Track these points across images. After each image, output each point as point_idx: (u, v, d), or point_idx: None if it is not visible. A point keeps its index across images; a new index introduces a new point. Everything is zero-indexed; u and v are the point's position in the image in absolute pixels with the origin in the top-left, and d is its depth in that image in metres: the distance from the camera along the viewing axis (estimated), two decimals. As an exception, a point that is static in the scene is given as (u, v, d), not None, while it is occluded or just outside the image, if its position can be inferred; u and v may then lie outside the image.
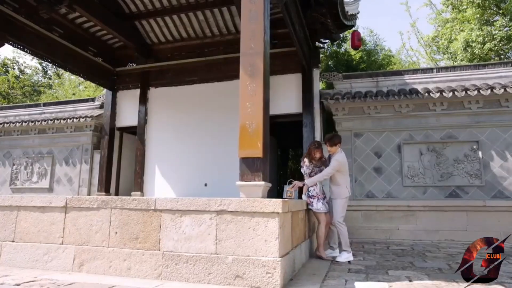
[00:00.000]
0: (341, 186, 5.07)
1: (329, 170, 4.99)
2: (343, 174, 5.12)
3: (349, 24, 8.36)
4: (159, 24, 8.88)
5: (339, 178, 5.08)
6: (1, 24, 6.73)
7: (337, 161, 4.99)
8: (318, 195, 4.98)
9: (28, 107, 11.08)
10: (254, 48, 3.89)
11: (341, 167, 5.04)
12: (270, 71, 8.22)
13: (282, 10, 5.96)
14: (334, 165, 4.98)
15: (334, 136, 5.27)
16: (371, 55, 10.56)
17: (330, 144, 5.13)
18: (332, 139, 5.15)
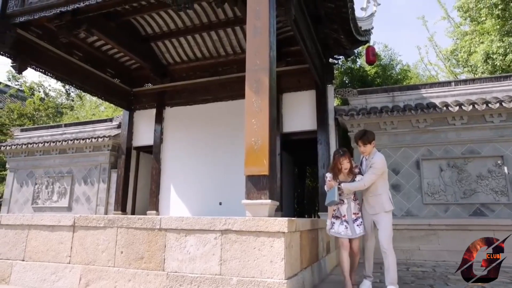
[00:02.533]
0: (382, 196, 4.00)
1: (371, 175, 3.92)
2: (384, 181, 4.09)
3: (363, 39, 8.28)
4: (174, 45, 9.07)
5: (380, 185, 4.01)
6: (25, 49, 7.03)
7: (379, 161, 3.97)
8: (344, 216, 4.05)
9: (51, 128, 11.43)
10: (259, 64, 3.87)
11: (383, 168, 4.03)
12: (284, 89, 8.45)
13: (292, 27, 5.97)
14: (378, 166, 3.93)
15: (367, 132, 4.14)
16: (386, 70, 10.39)
17: (363, 143, 4.07)
18: (364, 136, 4.06)
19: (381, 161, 4.01)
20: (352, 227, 4.03)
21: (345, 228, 4.04)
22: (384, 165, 4.05)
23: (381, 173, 3.99)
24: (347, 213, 4.08)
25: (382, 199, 4.01)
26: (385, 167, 4.09)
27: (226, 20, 8.11)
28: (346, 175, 4.09)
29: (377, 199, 4.02)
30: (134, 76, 9.94)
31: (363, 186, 3.98)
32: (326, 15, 7.08)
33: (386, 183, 4.13)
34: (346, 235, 4.03)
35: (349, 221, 4.05)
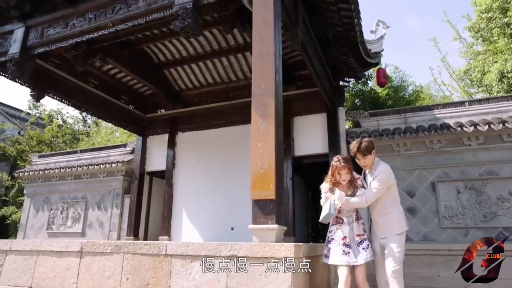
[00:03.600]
0: (391, 214, 3.42)
1: (374, 190, 3.36)
2: (392, 196, 3.50)
3: (373, 61, 8.31)
4: (186, 71, 9.27)
5: (388, 202, 3.45)
6: (43, 78, 7.30)
7: (383, 172, 3.39)
8: (345, 238, 3.38)
9: (67, 154, 11.67)
10: (265, 88, 3.88)
11: (390, 182, 3.43)
12: (295, 112, 8.46)
13: (300, 51, 6.03)
14: (382, 179, 3.37)
15: (363, 141, 3.62)
16: (398, 91, 10.33)
17: (362, 154, 3.53)
18: (362, 147, 3.52)
19: (386, 172, 3.41)
20: (356, 251, 3.32)
21: (343, 254, 3.32)
22: (390, 177, 3.43)
23: (386, 186, 3.38)
24: (348, 235, 3.39)
25: (391, 218, 3.42)
26: (392, 179, 3.46)
27: (236, 46, 8.27)
28: (346, 188, 3.48)
29: (386, 219, 3.44)
30: (148, 102, 10.14)
31: (364, 203, 3.40)
32: (334, 38, 7.14)
33: (395, 199, 3.52)
34: (345, 262, 3.28)
35: (352, 244, 3.35)
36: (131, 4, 5.18)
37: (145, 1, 5.08)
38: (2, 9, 6.39)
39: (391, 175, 3.48)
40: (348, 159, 3.55)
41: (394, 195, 3.54)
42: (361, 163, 3.66)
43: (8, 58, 6.12)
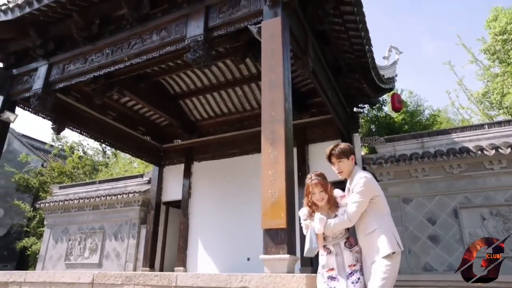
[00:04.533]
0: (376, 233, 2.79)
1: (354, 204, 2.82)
2: (377, 211, 2.87)
3: (387, 87, 8.29)
4: (201, 101, 9.44)
5: (371, 218, 2.85)
6: (63, 111, 7.57)
7: (361, 181, 2.84)
8: (332, 270, 2.85)
9: (86, 185, 11.88)
10: (275, 116, 3.90)
11: (372, 192, 2.86)
12: (309, 140, 8.43)
13: (311, 78, 6.08)
14: (360, 189, 2.82)
15: (341, 144, 3.19)
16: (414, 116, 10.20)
17: (336, 157, 3.07)
18: (337, 149, 3.09)
19: (365, 181, 2.84)
20: (343, 285, 2.73)
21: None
22: (372, 187, 2.87)
23: (368, 198, 2.83)
24: (336, 265, 2.84)
25: (377, 237, 2.77)
26: (374, 189, 2.89)
27: (249, 76, 8.42)
28: (327, 209, 2.95)
29: (371, 238, 2.81)
30: (164, 132, 10.33)
31: (348, 222, 2.84)
32: (346, 65, 7.19)
33: (382, 214, 2.89)
34: None
35: (339, 278, 2.78)
36: (146, 39, 5.39)
37: (159, 35, 5.28)
38: (29, 48, 6.76)
39: (371, 184, 2.89)
40: (322, 175, 3.04)
41: (380, 208, 2.90)
42: (335, 168, 3.10)
43: (31, 94, 6.41)
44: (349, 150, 3.12)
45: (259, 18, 4.57)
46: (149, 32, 5.40)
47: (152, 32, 5.37)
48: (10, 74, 6.98)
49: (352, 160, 3.11)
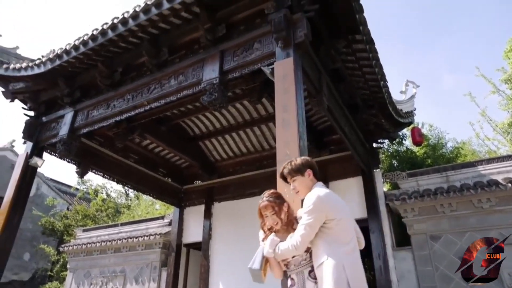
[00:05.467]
0: (325, 264, 2.29)
1: (301, 227, 2.37)
2: (330, 235, 2.35)
3: (406, 121, 8.22)
4: (220, 142, 9.57)
5: (322, 245, 2.35)
6: (86, 155, 7.83)
7: (310, 199, 2.40)
8: None
9: (108, 228, 11.97)
10: (289, 155, 3.89)
11: (325, 213, 2.35)
12: (329, 177, 8.33)
13: (327, 116, 6.11)
14: (308, 209, 2.37)
15: (292, 160, 2.72)
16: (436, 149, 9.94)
17: (290, 175, 2.66)
18: (290, 165, 2.67)
19: (315, 199, 2.36)
20: None
21: None
22: (322, 206, 2.35)
23: (318, 220, 2.32)
24: None
25: (322, 274, 2.28)
26: (327, 209, 2.35)
27: (267, 116, 8.53)
28: (283, 233, 2.56)
29: (320, 272, 2.31)
30: (184, 174, 10.44)
31: (293, 250, 2.37)
32: (362, 101, 7.22)
33: (336, 244, 2.31)
34: None
35: None
36: (164, 84, 5.63)
37: (177, 80, 5.50)
38: (57, 97, 7.16)
39: (325, 203, 2.36)
40: (275, 194, 2.68)
41: (335, 236, 2.33)
42: (291, 188, 2.71)
43: (58, 139, 6.69)
44: (303, 165, 2.64)
45: (272, 60, 4.71)
46: (168, 77, 5.64)
47: (170, 77, 5.62)
48: (40, 122, 7.36)
49: (310, 176, 2.62)
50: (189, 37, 5.64)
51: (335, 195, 2.54)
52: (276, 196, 2.66)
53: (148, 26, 5.40)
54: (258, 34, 4.98)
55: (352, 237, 2.42)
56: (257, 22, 5.14)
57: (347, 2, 4.82)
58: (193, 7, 5.08)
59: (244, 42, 5.08)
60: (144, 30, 5.50)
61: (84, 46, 5.79)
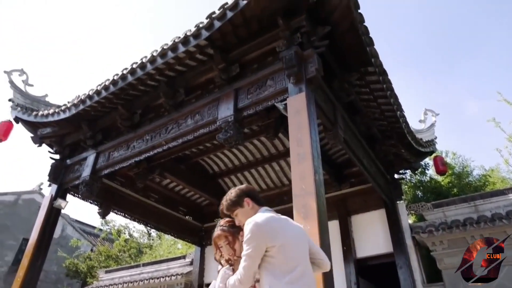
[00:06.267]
0: None
1: (243, 256, 2.17)
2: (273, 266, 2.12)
3: (427, 150, 8.04)
4: (240, 179, 9.55)
5: (264, 278, 2.14)
6: (108, 196, 7.97)
7: (251, 223, 2.16)
8: None
9: (130, 268, 11.91)
10: (305, 189, 3.84)
11: (264, 240, 2.12)
12: (351, 211, 8.13)
13: (345, 149, 6.05)
14: (246, 240, 2.14)
15: (229, 193, 2.56)
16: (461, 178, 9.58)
17: (228, 211, 2.51)
18: (225, 203, 2.53)
19: (251, 226, 2.15)
20: None
21: None
22: (260, 235, 2.13)
23: (258, 250, 2.12)
24: None
25: None
26: (267, 237, 2.13)
27: (284, 151, 8.52)
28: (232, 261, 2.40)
29: None
30: (205, 212, 10.40)
31: (239, 284, 2.16)
32: (380, 132, 7.14)
33: (278, 274, 2.09)
34: None
35: None
36: (181, 124, 5.76)
37: (193, 119, 5.63)
38: (80, 140, 7.44)
39: (260, 230, 2.14)
40: (230, 223, 2.52)
41: (277, 264, 2.12)
42: (237, 223, 2.51)
43: (80, 181, 6.87)
44: (238, 196, 2.48)
45: (285, 95, 4.77)
46: (184, 117, 5.79)
47: (187, 116, 5.76)
48: (64, 165, 7.60)
49: (249, 205, 2.45)
50: (204, 77, 5.82)
51: (279, 218, 2.30)
52: (231, 225, 2.51)
53: (165, 69, 5.63)
54: (270, 71, 5.09)
55: (299, 263, 2.17)
56: (269, 60, 5.27)
57: (357, 36, 4.90)
58: (207, 49, 5.28)
59: (257, 79, 5.20)
60: (161, 73, 5.73)
61: (106, 90, 6.07)
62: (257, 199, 2.51)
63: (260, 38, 5.20)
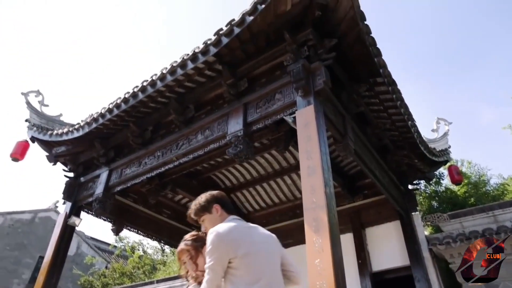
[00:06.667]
0: None
1: (206, 268, 2.04)
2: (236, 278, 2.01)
3: (441, 160, 7.91)
4: (252, 193, 9.53)
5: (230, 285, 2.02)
6: (121, 212, 8.02)
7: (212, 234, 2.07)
8: None
9: (144, 285, 11.84)
10: (316, 202, 3.80)
11: (226, 251, 2.02)
12: (365, 223, 8.01)
13: (356, 160, 5.99)
14: (209, 248, 2.04)
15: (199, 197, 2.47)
16: (478, 187, 9.35)
17: (195, 215, 2.41)
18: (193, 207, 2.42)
19: (212, 237, 2.05)
20: None
21: None
22: (221, 244, 2.03)
23: (220, 261, 2.00)
24: None
25: None
26: (227, 247, 2.03)
27: (296, 164, 8.47)
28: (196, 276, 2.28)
29: None
30: (217, 226, 10.36)
31: None
32: (391, 142, 7.05)
33: (240, 283, 1.99)
34: None
35: None
36: (192, 139, 5.81)
37: (203, 134, 5.67)
38: (94, 158, 7.55)
39: (222, 241, 2.04)
40: (195, 237, 2.40)
41: (239, 276, 2.00)
42: (203, 230, 2.45)
43: (94, 198, 6.95)
44: (208, 201, 2.37)
45: (293, 109, 4.77)
46: (195, 133, 5.83)
47: (197, 132, 5.81)
48: (78, 182, 7.71)
49: (218, 212, 2.32)
50: (213, 93, 5.89)
51: (243, 228, 2.19)
52: (195, 239, 2.39)
53: (174, 86, 5.71)
54: (278, 85, 5.11)
55: (263, 275, 2.03)
56: (277, 74, 5.31)
57: (364, 47, 4.91)
58: (216, 65, 5.35)
59: (265, 93, 5.22)
60: (171, 90, 5.81)
61: (117, 108, 6.18)
62: (227, 207, 2.40)
63: (268, 52, 5.25)
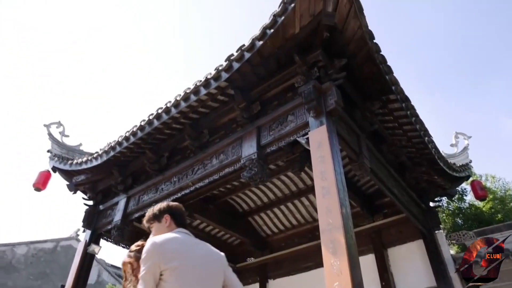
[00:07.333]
0: None
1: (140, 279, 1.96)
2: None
3: (462, 175, 7.69)
4: (270, 216, 9.43)
5: None
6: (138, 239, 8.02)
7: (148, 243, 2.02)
8: None
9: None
10: (332, 224, 3.73)
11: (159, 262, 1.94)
12: (387, 243, 7.80)
13: (373, 179, 5.90)
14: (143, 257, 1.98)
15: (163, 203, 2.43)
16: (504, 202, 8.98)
17: (148, 223, 2.38)
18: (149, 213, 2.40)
19: (148, 247, 1.99)
20: None
21: None
22: (154, 254, 1.96)
23: (151, 271, 1.92)
24: None
25: None
26: (159, 258, 1.95)
27: (313, 185, 8.26)
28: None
29: None
30: (236, 252, 10.24)
31: None
32: (409, 159, 6.92)
33: None
34: None
35: None
36: (207, 164, 5.86)
37: (218, 159, 5.71)
38: (112, 186, 7.68)
39: (155, 250, 1.97)
40: (139, 248, 2.25)
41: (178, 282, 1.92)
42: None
43: (112, 226, 7.02)
44: (160, 211, 2.32)
45: (306, 130, 4.77)
46: (210, 157, 5.89)
47: (212, 156, 5.86)
48: (97, 210, 7.84)
49: (167, 222, 2.28)
50: (227, 117, 5.97)
51: (182, 240, 2.13)
52: (138, 250, 2.23)
53: (188, 112, 5.82)
54: (290, 107, 5.14)
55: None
56: (289, 96, 5.35)
57: (375, 65, 4.92)
58: (228, 90, 5.44)
59: (278, 116, 5.25)
60: (185, 116, 5.92)
61: (134, 136, 6.32)
62: (179, 219, 2.35)
63: (279, 75, 5.33)
